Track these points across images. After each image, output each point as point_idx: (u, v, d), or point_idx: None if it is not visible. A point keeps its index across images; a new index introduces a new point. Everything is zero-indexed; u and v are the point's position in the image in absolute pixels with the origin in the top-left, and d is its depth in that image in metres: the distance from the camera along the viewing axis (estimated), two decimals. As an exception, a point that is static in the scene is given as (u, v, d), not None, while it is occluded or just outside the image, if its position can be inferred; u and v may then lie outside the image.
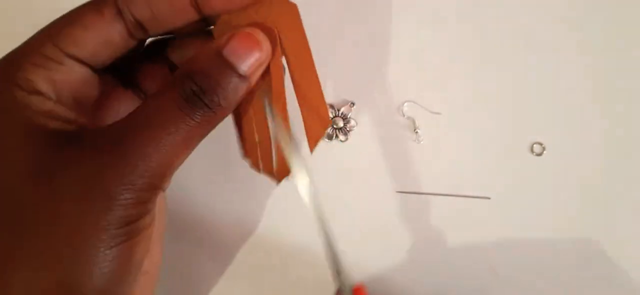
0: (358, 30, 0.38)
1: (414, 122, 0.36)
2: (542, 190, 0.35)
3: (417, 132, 0.36)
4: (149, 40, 0.24)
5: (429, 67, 0.36)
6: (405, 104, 0.36)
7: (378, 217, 0.35)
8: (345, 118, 0.36)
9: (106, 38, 0.20)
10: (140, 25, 0.21)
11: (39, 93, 0.19)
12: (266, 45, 0.21)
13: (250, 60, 0.20)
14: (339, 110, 0.36)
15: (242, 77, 0.20)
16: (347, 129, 0.36)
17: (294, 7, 0.21)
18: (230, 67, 0.20)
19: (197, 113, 0.19)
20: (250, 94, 0.22)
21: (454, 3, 0.37)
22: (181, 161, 0.20)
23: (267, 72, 0.22)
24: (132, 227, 0.18)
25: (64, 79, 0.20)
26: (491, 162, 0.35)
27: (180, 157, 0.19)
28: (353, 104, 0.36)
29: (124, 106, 0.24)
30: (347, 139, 0.36)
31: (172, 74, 0.25)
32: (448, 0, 0.37)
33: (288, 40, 0.22)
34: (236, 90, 0.20)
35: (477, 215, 0.35)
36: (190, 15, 0.21)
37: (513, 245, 0.34)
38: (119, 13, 0.20)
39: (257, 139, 0.22)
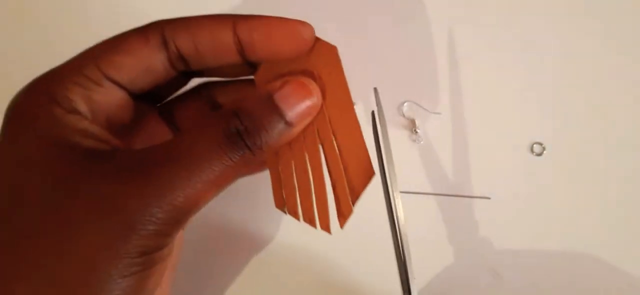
0: (358, 30, 0.38)
1: (414, 122, 0.36)
2: (542, 190, 0.35)
3: (417, 132, 0.36)
4: (195, 81, 0.24)
5: (429, 67, 0.36)
6: (405, 104, 0.36)
7: (378, 217, 0.35)
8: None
9: (147, 65, 0.20)
10: (182, 58, 0.21)
11: (76, 112, 0.19)
12: (317, 97, 0.21)
13: (299, 109, 0.20)
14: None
15: (288, 124, 0.20)
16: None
17: (333, 49, 0.21)
18: (278, 113, 0.20)
19: (236, 153, 0.19)
20: (295, 143, 0.21)
21: (454, 3, 0.37)
22: (208, 200, 0.19)
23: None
24: (148, 258, 0.18)
25: (101, 100, 0.20)
26: (491, 162, 0.35)
27: (209, 196, 0.19)
28: (353, 104, 0.36)
29: (157, 136, 0.24)
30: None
31: (213, 112, 0.25)
32: (448, 1, 0.37)
33: (327, 81, 0.21)
34: (280, 136, 0.20)
35: (477, 215, 0.35)
36: (233, 58, 0.21)
37: (513, 245, 0.34)
38: (164, 43, 0.20)
39: (295, 185, 0.21)
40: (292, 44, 0.21)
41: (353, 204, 0.21)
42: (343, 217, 0.21)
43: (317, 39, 0.21)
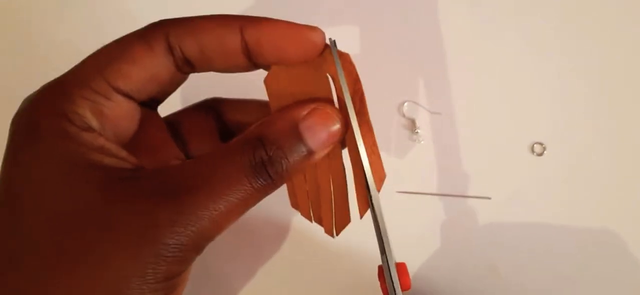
0: (358, 31, 0.38)
1: (414, 122, 0.36)
2: (542, 190, 0.35)
3: (417, 132, 0.36)
4: (200, 95, 0.24)
5: (429, 67, 0.36)
6: (405, 104, 0.36)
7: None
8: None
9: (154, 73, 0.20)
10: (187, 61, 0.20)
11: (90, 129, 0.18)
12: (341, 124, 0.21)
13: (322, 138, 0.20)
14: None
15: (311, 152, 0.20)
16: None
17: (347, 56, 0.21)
18: (302, 142, 0.20)
19: (259, 181, 0.19)
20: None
21: (454, 3, 0.37)
22: (229, 225, 0.19)
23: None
24: (172, 282, 0.18)
25: (111, 114, 0.19)
26: (491, 162, 0.35)
27: (231, 221, 0.19)
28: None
29: (162, 147, 0.24)
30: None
31: (219, 133, 0.25)
32: (448, 1, 0.37)
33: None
34: (301, 163, 0.20)
35: (477, 215, 0.35)
36: (240, 60, 0.21)
37: (513, 244, 0.34)
38: (169, 48, 0.20)
39: (308, 194, 0.22)
40: (301, 49, 0.20)
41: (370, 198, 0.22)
42: (363, 210, 0.22)
43: (329, 46, 0.21)
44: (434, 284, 0.35)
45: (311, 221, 0.22)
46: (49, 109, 0.18)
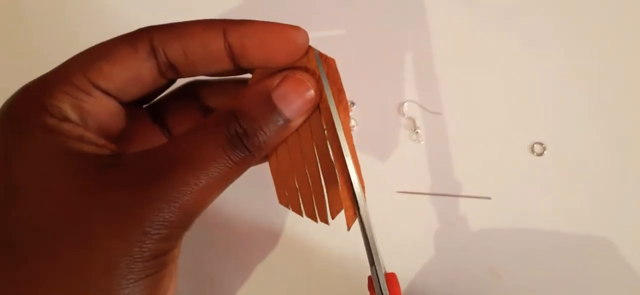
0: (358, 31, 0.38)
1: (414, 122, 0.36)
2: (542, 190, 0.35)
3: (417, 132, 0.36)
4: (180, 81, 0.24)
5: (429, 67, 0.36)
6: (405, 104, 0.36)
7: (378, 217, 0.35)
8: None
9: (136, 74, 0.20)
10: (172, 66, 0.21)
11: (68, 120, 0.19)
12: (314, 89, 0.21)
13: (297, 105, 0.20)
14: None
15: (287, 121, 0.20)
16: (347, 129, 0.36)
17: (332, 62, 0.21)
18: (276, 112, 0.20)
19: (237, 155, 0.19)
20: (291, 140, 0.21)
21: (453, 4, 0.37)
22: (213, 200, 0.19)
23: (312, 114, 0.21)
24: (161, 260, 0.18)
25: (92, 109, 0.20)
26: (491, 162, 0.35)
27: (214, 195, 0.19)
28: (353, 103, 0.36)
29: (150, 140, 0.24)
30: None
31: (203, 115, 0.25)
32: (448, 1, 0.37)
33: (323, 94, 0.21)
34: (279, 133, 0.20)
35: (477, 215, 0.35)
36: (225, 65, 0.21)
37: (513, 245, 0.34)
38: (153, 51, 0.20)
39: (296, 186, 0.22)
40: (286, 50, 0.20)
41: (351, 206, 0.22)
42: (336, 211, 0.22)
43: (313, 49, 0.21)
44: (433, 284, 0.35)
45: (302, 216, 0.22)
46: (28, 103, 0.19)
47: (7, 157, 0.18)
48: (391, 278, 0.21)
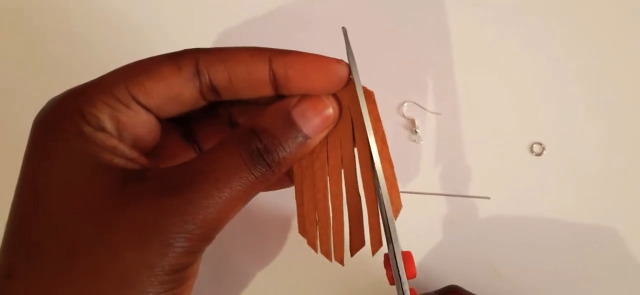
0: (358, 31, 0.38)
1: (414, 122, 0.36)
2: (542, 190, 0.35)
3: (417, 132, 0.36)
4: None
5: (428, 67, 0.37)
6: (405, 104, 0.36)
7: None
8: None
9: (177, 93, 0.20)
10: (214, 89, 0.21)
11: (104, 130, 0.19)
12: (334, 108, 0.21)
13: (315, 122, 0.21)
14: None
15: (306, 137, 0.21)
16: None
17: (371, 94, 0.21)
18: (296, 128, 0.20)
19: (258, 169, 0.19)
20: (317, 168, 0.22)
21: (454, 4, 0.37)
22: (234, 215, 0.20)
23: (340, 143, 0.22)
24: (182, 274, 0.18)
25: (128, 122, 0.20)
26: (491, 162, 0.35)
27: (236, 210, 0.20)
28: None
29: (181, 156, 0.24)
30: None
31: (232, 129, 0.25)
32: (448, 1, 0.37)
33: (358, 122, 0.21)
34: (298, 149, 0.20)
35: (477, 215, 0.35)
36: (267, 91, 0.21)
37: (513, 245, 0.34)
38: (197, 73, 0.20)
39: (316, 218, 0.22)
40: (327, 81, 0.21)
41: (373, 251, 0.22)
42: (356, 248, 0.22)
43: (352, 80, 0.21)
44: (433, 284, 0.35)
45: (316, 252, 0.22)
46: (68, 108, 0.19)
47: (40, 161, 0.19)
48: (407, 256, 0.21)
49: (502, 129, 0.36)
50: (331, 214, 0.22)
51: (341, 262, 0.22)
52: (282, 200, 0.35)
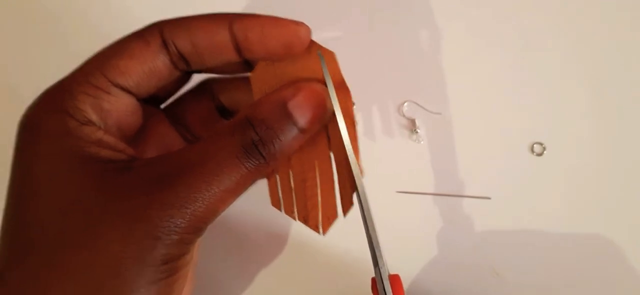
0: (358, 31, 0.38)
1: (414, 122, 0.36)
2: (542, 190, 0.35)
3: (417, 132, 0.36)
4: (195, 79, 0.24)
5: (429, 67, 0.36)
6: (405, 104, 0.36)
7: (378, 217, 0.35)
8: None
9: (151, 68, 0.21)
10: (183, 58, 0.21)
11: (90, 122, 0.19)
12: (328, 102, 0.21)
13: (312, 115, 0.21)
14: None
15: (301, 130, 0.20)
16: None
17: (332, 55, 0.21)
18: (292, 121, 0.20)
19: (252, 162, 0.19)
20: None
21: (454, 3, 0.37)
22: (226, 207, 0.20)
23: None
24: (172, 265, 0.18)
25: (111, 108, 0.20)
26: (491, 162, 0.35)
27: (227, 203, 0.19)
28: (353, 104, 0.36)
29: (166, 140, 0.25)
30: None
31: (218, 112, 0.26)
32: (448, 1, 0.37)
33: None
34: (292, 143, 0.20)
35: (477, 215, 0.35)
36: (231, 56, 0.21)
37: (513, 245, 0.34)
38: (164, 44, 0.20)
39: (292, 187, 0.22)
40: (288, 43, 0.21)
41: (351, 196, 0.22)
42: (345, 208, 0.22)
43: (315, 43, 0.21)
44: (433, 283, 0.35)
45: (295, 219, 0.22)
46: (50, 106, 0.19)
47: (28, 162, 0.19)
48: (395, 280, 0.21)
49: (502, 129, 0.36)
50: (306, 182, 0.22)
51: (317, 230, 0.22)
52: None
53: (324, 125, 0.22)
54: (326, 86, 0.21)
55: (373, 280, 0.21)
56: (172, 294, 0.19)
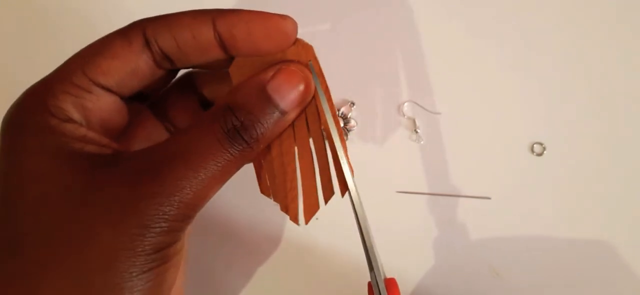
0: (358, 31, 0.38)
1: (414, 122, 0.36)
2: (542, 190, 0.35)
3: (417, 132, 0.36)
4: (180, 73, 0.24)
5: (429, 67, 0.36)
6: (405, 104, 0.36)
7: (378, 218, 0.35)
8: (345, 118, 0.36)
9: (133, 67, 0.20)
10: (166, 57, 0.21)
11: (71, 120, 0.19)
12: (309, 81, 0.21)
13: (292, 97, 0.20)
14: (339, 111, 0.36)
15: (283, 113, 0.20)
16: (347, 129, 0.36)
17: (310, 48, 0.21)
18: (272, 104, 0.20)
19: (235, 148, 0.19)
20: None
21: (454, 3, 0.37)
22: (214, 193, 0.20)
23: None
24: (164, 253, 0.18)
25: (93, 107, 0.20)
26: (491, 162, 0.35)
27: (214, 189, 0.20)
28: (353, 104, 0.36)
29: (153, 136, 0.25)
30: (347, 139, 0.36)
31: (201, 106, 0.25)
32: (448, 1, 0.37)
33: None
34: (275, 125, 0.20)
35: (477, 215, 0.35)
36: (216, 53, 0.21)
37: (513, 245, 0.34)
38: (147, 43, 0.20)
39: (276, 179, 0.22)
40: (274, 38, 0.21)
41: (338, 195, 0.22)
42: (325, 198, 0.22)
43: (301, 40, 0.21)
44: (433, 283, 0.35)
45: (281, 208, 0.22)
46: (32, 105, 0.19)
47: (13, 160, 0.19)
48: (391, 283, 0.21)
49: (502, 129, 0.36)
50: (286, 175, 0.22)
51: (297, 221, 0.22)
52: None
53: (304, 112, 0.22)
54: (308, 69, 0.21)
55: (369, 284, 0.21)
56: (165, 283, 0.19)
